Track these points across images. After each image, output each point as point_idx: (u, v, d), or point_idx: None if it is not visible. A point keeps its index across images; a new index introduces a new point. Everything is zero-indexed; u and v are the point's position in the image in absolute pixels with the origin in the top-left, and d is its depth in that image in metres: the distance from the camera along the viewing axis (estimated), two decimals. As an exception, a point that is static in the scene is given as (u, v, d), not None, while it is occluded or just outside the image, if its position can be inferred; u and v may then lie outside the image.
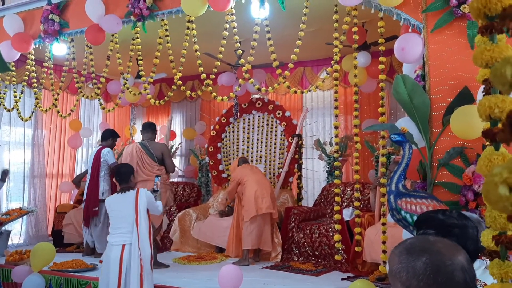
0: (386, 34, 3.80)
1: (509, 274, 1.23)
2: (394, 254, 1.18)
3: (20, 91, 5.78)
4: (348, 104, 6.50)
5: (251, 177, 5.20)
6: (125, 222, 3.63)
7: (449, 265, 1.09)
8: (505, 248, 1.24)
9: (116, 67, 5.06)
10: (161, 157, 5.00)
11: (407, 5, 3.41)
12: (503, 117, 1.07)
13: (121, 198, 3.75)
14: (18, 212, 5.52)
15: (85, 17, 4.81)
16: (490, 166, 1.17)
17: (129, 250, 3.55)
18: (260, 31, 4.17)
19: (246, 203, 5.08)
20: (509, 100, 1.04)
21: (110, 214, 3.77)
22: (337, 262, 4.70)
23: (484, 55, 1.16)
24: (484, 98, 1.11)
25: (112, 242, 3.63)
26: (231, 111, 6.78)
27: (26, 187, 6.50)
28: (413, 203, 2.60)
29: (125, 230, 3.61)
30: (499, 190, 0.59)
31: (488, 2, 1.04)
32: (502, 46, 1.17)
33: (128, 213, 3.64)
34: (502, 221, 1.17)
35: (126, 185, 3.83)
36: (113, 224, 3.72)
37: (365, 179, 5.89)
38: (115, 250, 3.56)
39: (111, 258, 3.56)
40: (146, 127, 5.26)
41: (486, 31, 1.12)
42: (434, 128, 3.18)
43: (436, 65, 3.23)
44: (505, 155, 1.17)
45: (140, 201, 3.65)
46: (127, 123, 8.13)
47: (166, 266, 4.90)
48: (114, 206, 3.75)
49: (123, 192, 3.77)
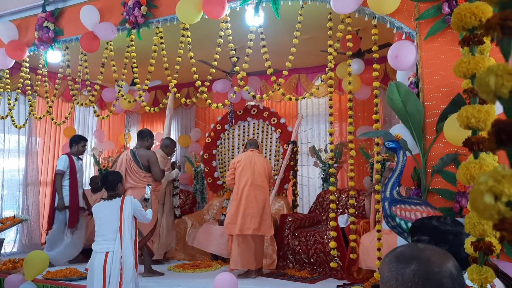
0: (380, 42, 3.83)
1: (489, 279, 1.25)
2: (384, 262, 1.19)
3: (14, 99, 5.77)
4: (343, 111, 6.52)
5: (244, 177, 4.82)
6: (109, 229, 3.61)
7: (437, 272, 1.09)
8: (483, 253, 1.26)
9: (111, 75, 5.06)
10: (147, 164, 4.97)
11: (400, 13, 3.44)
12: (480, 126, 1.11)
13: (107, 205, 3.74)
14: (12, 220, 5.48)
15: (80, 24, 4.82)
16: (467, 174, 1.20)
17: (112, 258, 3.53)
18: (254, 39, 4.19)
19: (229, 214, 4.82)
20: (484, 110, 1.07)
21: (96, 221, 3.75)
22: (332, 269, 4.69)
23: (461, 67, 1.21)
24: (463, 109, 1.15)
25: (96, 250, 3.61)
26: (226, 118, 6.79)
27: (21, 195, 6.46)
28: (407, 209, 2.60)
29: (109, 237, 3.59)
30: (485, 199, 0.59)
31: (463, 16, 1.10)
32: (479, 58, 1.21)
33: (112, 220, 3.63)
34: (481, 227, 1.19)
35: (113, 193, 3.80)
36: (98, 231, 3.69)
37: (360, 186, 5.90)
38: (98, 258, 3.55)
39: (95, 265, 3.55)
40: (138, 135, 5.29)
41: (464, 44, 1.17)
42: (428, 135, 3.19)
43: (430, 72, 3.25)
44: (481, 164, 1.20)
45: (124, 209, 3.64)
46: (122, 131, 8.12)
47: (161, 274, 4.87)
48: (100, 213, 3.73)
49: (110, 200, 3.75)
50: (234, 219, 4.73)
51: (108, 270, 3.48)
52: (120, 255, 3.52)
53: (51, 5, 5.21)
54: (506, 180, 0.59)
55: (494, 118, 1.05)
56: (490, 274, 1.31)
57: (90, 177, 6.91)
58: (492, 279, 1.32)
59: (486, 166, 1.24)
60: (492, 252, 1.28)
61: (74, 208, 5.44)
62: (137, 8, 4.50)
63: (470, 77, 1.28)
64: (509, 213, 0.59)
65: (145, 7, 4.50)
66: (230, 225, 4.76)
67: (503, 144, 0.61)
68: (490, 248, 1.27)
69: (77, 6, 5.00)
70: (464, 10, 1.10)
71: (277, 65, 4.89)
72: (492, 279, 1.32)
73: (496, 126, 0.60)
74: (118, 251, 3.53)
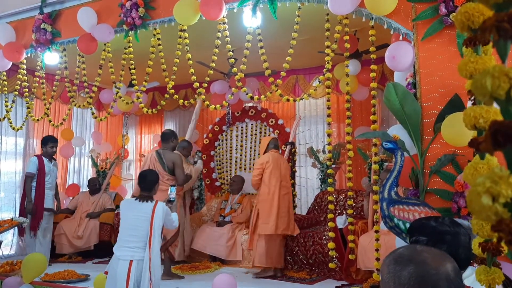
0: (378, 43, 3.84)
1: (496, 280, 1.25)
2: (384, 264, 1.21)
3: (11, 101, 5.75)
4: (341, 112, 6.53)
5: (274, 177, 4.90)
6: (135, 235, 3.34)
7: (434, 274, 1.10)
8: (491, 254, 1.26)
9: (108, 76, 5.06)
10: (172, 167, 4.91)
11: (397, 14, 3.45)
12: (488, 127, 1.10)
13: (137, 205, 3.45)
14: (10, 223, 5.45)
15: (77, 26, 4.82)
16: (475, 174, 1.19)
17: (136, 266, 3.27)
18: (252, 40, 4.19)
19: (261, 214, 4.86)
20: (493, 111, 1.06)
21: (122, 219, 3.46)
22: (331, 270, 4.69)
23: (468, 67, 1.19)
24: (469, 108, 1.13)
25: (119, 256, 3.33)
26: (224, 119, 6.78)
27: (18, 197, 6.44)
28: (405, 210, 2.60)
29: (133, 244, 3.33)
30: (482, 200, 0.60)
31: (471, 15, 1.07)
32: (485, 57, 1.19)
33: (139, 225, 3.36)
34: (488, 228, 1.19)
35: (147, 194, 3.51)
36: (122, 234, 3.41)
37: (358, 186, 5.90)
38: (122, 265, 3.28)
39: (117, 272, 3.27)
40: (163, 137, 5.12)
41: (470, 43, 1.15)
42: (426, 136, 3.20)
43: (427, 73, 3.26)
44: (490, 164, 1.20)
45: (156, 217, 3.37)
46: (120, 132, 8.10)
47: (181, 277, 4.85)
48: (128, 212, 3.45)
49: (141, 201, 3.46)
50: (267, 219, 4.79)
51: (132, 279, 3.24)
52: (149, 267, 3.27)
53: (48, 7, 5.21)
54: (503, 181, 0.59)
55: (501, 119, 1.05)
56: (498, 275, 1.31)
57: (88, 179, 6.91)
58: (500, 280, 1.32)
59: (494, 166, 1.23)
60: (500, 253, 1.27)
61: (38, 211, 5.30)
62: (135, 9, 4.50)
63: (476, 77, 1.26)
64: (507, 214, 0.59)
65: (143, 9, 4.50)
66: (263, 225, 4.80)
67: (499, 145, 0.61)
68: (498, 249, 1.26)
69: (75, 7, 4.99)
70: (472, 9, 1.08)
71: (275, 66, 4.90)
72: (500, 280, 1.32)
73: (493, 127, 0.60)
74: (147, 261, 3.28)
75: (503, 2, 0.65)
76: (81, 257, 6.04)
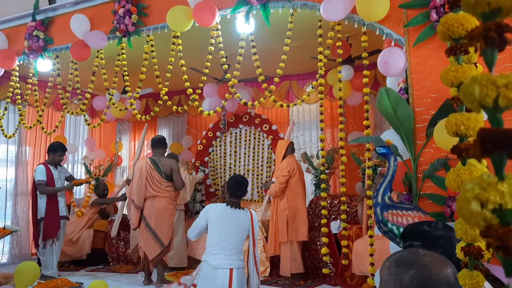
0: (370, 48, 3.87)
1: (480, 284, 1.26)
2: (384, 265, 1.21)
3: (3, 108, 5.72)
4: (334, 117, 6.55)
5: (299, 184, 4.91)
6: (232, 243, 3.25)
7: (435, 279, 1.11)
8: (474, 258, 1.28)
9: (101, 83, 5.05)
10: (170, 173, 4.89)
11: (389, 20, 3.48)
12: (469, 134, 1.13)
13: (231, 213, 3.34)
14: (2, 231, 5.40)
15: (70, 33, 4.81)
16: (457, 180, 1.22)
17: (237, 274, 3.18)
18: (245, 46, 4.21)
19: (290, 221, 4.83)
20: (473, 118, 1.09)
21: (216, 226, 3.29)
22: (325, 276, 4.69)
23: (448, 75, 1.23)
24: (451, 116, 1.17)
25: (216, 265, 3.18)
26: (218, 125, 6.78)
27: (9, 205, 6.39)
28: (399, 215, 2.61)
29: (230, 251, 3.22)
30: (471, 206, 0.60)
31: (450, 25, 1.11)
32: (465, 66, 1.23)
33: (236, 233, 3.28)
34: (473, 233, 1.20)
35: (237, 200, 3.41)
36: (216, 242, 3.26)
37: (352, 191, 5.91)
38: (222, 274, 3.14)
39: (217, 283, 3.13)
40: (156, 143, 5.06)
41: (451, 53, 1.19)
42: (418, 140, 3.22)
43: (419, 78, 3.28)
44: (471, 170, 1.22)
45: (255, 224, 3.33)
46: (113, 139, 8.08)
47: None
48: (222, 218, 3.31)
49: (234, 208, 3.36)
50: (298, 226, 4.80)
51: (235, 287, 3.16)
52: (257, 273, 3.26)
53: (41, 14, 5.19)
54: (491, 187, 0.60)
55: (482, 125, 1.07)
56: (481, 278, 1.32)
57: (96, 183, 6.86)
58: (483, 283, 1.34)
59: (476, 172, 1.26)
60: (482, 257, 1.30)
61: (50, 220, 5.20)
62: (128, 16, 4.50)
63: (457, 85, 1.30)
64: (495, 220, 0.60)
65: (136, 16, 4.50)
66: (294, 232, 4.79)
67: (487, 152, 0.63)
68: (480, 252, 1.28)
69: (67, 14, 4.99)
70: (451, 20, 1.12)
71: (268, 72, 4.91)
72: (483, 283, 1.34)
73: (481, 134, 0.61)
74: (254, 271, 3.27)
75: (490, 12, 0.66)
76: (73, 265, 6.00)
